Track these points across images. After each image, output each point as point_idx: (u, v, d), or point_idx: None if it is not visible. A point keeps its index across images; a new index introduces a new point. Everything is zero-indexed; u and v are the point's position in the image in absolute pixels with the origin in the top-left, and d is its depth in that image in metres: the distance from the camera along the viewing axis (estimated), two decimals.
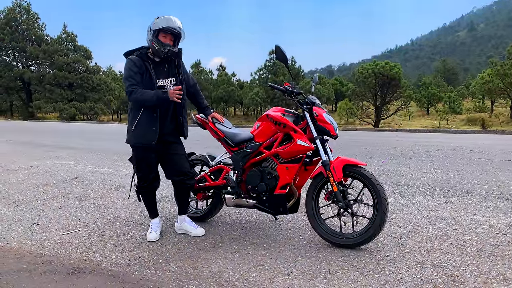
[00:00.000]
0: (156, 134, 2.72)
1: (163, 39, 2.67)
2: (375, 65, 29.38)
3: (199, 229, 2.98)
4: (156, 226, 2.97)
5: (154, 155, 2.85)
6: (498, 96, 30.63)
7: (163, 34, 2.66)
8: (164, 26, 2.62)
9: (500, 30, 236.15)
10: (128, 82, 2.65)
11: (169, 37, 2.70)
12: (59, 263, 2.48)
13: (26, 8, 39.61)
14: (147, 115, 2.71)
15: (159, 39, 2.66)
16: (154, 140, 2.72)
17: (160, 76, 2.76)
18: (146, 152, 2.80)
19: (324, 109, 2.74)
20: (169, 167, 2.91)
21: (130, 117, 2.78)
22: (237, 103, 45.23)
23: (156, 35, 2.66)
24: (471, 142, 9.15)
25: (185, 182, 2.91)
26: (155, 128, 2.72)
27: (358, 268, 2.30)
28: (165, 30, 2.65)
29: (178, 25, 2.66)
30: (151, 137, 2.71)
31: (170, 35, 2.69)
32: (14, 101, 41.47)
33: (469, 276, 2.16)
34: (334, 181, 2.54)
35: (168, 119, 2.83)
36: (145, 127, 2.71)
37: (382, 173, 5.18)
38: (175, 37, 2.73)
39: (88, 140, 11.07)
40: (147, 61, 2.71)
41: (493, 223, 3.06)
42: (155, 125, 2.72)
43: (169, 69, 2.82)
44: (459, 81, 68.54)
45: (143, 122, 2.71)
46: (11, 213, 3.65)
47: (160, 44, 2.65)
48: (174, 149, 2.89)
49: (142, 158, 2.83)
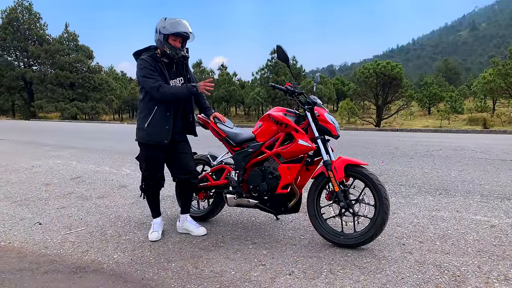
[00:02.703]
0: (169, 133, 2.75)
1: (174, 42, 2.70)
2: (377, 64, 29.34)
3: (201, 228, 2.98)
4: (158, 225, 2.97)
5: (164, 154, 2.86)
6: (500, 96, 30.54)
7: (173, 37, 2.69)
8: (176, 32, 2.65)
9: (502, 30, 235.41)
10: (151, 79, 2.65)
11: (179, 40, 2.73)
12: (61, 263, 2.49)
13: (28, 8, 39.70)
14: (161, 113, 2.73)
15: (169, 42, 2.69)
16: (167, 139, 2.75)
17: (171, 76, 2.80)
18: (157, 151, 2.81)
19: (325, 109, 2.74)
20: (176, 165, 2.92)
21: (142, 115, 2.77)
22: (239, 102, 45.22)
23: (166, 39, 2.68)
24: (473, 142, 9.13)
25: (190, 181, 2.93)
26: (168, 126, 2.74)
27: (359, 267, 2.30)
28: (175, 35, 2.68)
29: (189, 30, 2.70)
30: (164, 136, 2.74)
31: (180, 38, 2.72)
32: (16, 101, 41.56)
33: (470, 276, 2.16)
34: (335, 181, 2.54)
35: (179, 118, 2.87)
36: (159, 126, 2.73)
37: (383, 173, 5.18)
38: (184, 39, 2.77)
39: (89, 139, 11.09)
40: (160, 62, 2.74)
41: (495, 223, 3.06)
42: (168, 123, 2.74)
43: (177, 69, 2.87)
44: (460, 81, 68.38)
45: (157, 121, 2.72)
46: (13, 213, 3.66)
47: (171, 49, 2.69)
48: (181, 147, 2.92)
49: (152, 156, 2.83)
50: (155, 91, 2.64)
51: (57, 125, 22.53)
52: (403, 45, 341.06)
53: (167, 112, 2.75)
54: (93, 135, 12.85)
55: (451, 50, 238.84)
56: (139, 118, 2.82)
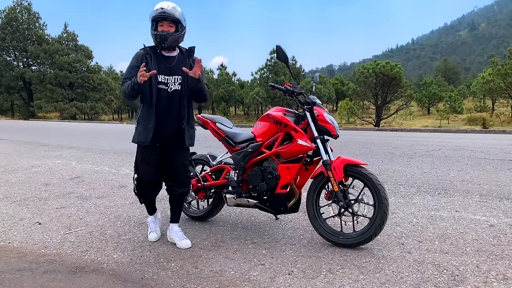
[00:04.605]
0: (150, 132, 2.55)
1: (161, 28, 2.51)
2: (376, 64, 29.38)
3: (185, 241, 2.73)
4: (154, 224, 2.89)
5: (154, 157, 2.65)
6: (499, 96, 30.62)
7: (159, 24, 2.51)
8: (153, 15, 2.48)
9: (502, 30, 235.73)
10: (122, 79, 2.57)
11: (166, 24, 2.50)
12: (61, 262, 2.49)
13: (27, 8, 39.71)
14: (144, 111, 2.60)
15: (158, 30, 2.51)
16: (149, 138, 2.55)
17: (162, 71, 2.57)
18: (144, 153, 2.66)
19: (325, 109, 2.75)
20: (164, 171, 2.75)
21: (137, 115, 2.69)
22: (238, 102, 45.25)
23: (155, 28, 2.52)
24: (472, 142, 9.14)
25: (173, 188, 2.76)
26: (151, 124, 2.55)
27: (358, 267, 2.31)
28: (158, 18, 2.49)
29: (161, 6, 2.46)
30: (147, 135, 2.56)
31: (165, 21, 2.50)
32: (15, 101, 41.57)
33: (469, 275, 2.17)
34: (334, 180, 2.55)
35: (171, 121, 2.63)
36: (143, 124, 2.59)
37: (382, 173, 5.18)
38: (174, 22, 2.52)
39: (89, 139, 11.09)
40: (149, 54, 2.56)
41: (494, 223, 3.07)
42: (150, 122, 2.56)
43: (177, 67, 2.61)
44: (460, 81, 68.46)
45: (141, 119, 2.61)
46: (13, 213, 3.66)
47: (152, 35, 2.52)
48: (171, 154, 2.70)
49: (141, 158, 2.68)
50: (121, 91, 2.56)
51: (56, 125, 22.51)
52: (402, 45, 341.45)
53: (150, 108, 2.56)
54: (92, 135, 12.84)
55: (450, 50, 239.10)
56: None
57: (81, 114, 39.43)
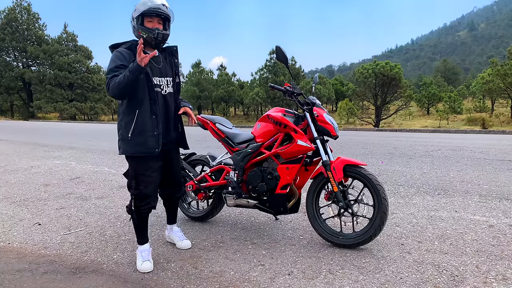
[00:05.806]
0: (159, 140, 2.34)
1: (150, 24, 2.30)
2: (376, 65, 29.39)
3: (185, 241, 2.72)
4: (148, 253, 2.46)
5: (157, 166, 2.43)
6: (499, 96, 30.61)
7: (148, 19, 2.30)
8: (145, 9, 2.26)
9: (501, 30, 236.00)
10: (109, 76, 2.23)
11: (156, 20, 2.32)
12: (61, 263, 2.49)
13: (27, 8, 39.72)
14: (144, 117, 2.31)
15: (145, 25, 2.30)
16: (158, 147, 2.33)
17: (155, 73, 2.40)
18: (148, 163, 2.37)
19: (324, 110, 2.75)
20: (163, 178, 2.57)
21: (124, 122, 2.35)
22: (238, 103, 45.21)
23: (141, 23, 2.30)
24: (471, 142, 9.15)
25: (175, 195, 2.73)
26: (157, 132, 2.33)
27: (358, 267, 2.31)
28: (148, 14, 2.28)
29: (161, 2, 2.29)
30: (154, 144, 2.32)
31: (156, 17, 2.31)
32: (14, 101, 41.57)
33: (468, 276, 2.17)
34: (334, 181, 2.55)
35: (172, 126, 2.52)
36: (145, 132, 2.31)
37: (382, 173, 5.19)
38: (163, 20, 2.36)
39: (88, 140, 11.08)
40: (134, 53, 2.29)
41: (493, 223, 3.07)
42: (156, 129, 2.33)
43: (165, 67, 2.48)
44: (459, 81, 68.49)
45: (141, 127, 2.31)
46: (12, 213, 3.66)
47: (147, 31, 2.29)
48: (171, 159, 2.60)
49: (142, 171, 2.37)
50: (108, 90, 2.24)
51: (56, 125, 22.50)
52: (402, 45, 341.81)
53: (152, 115, 2.32)
54: (92, 136, 12.83)
55: (450, 50, 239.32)
56: (120, 127, 2.38)
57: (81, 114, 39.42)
